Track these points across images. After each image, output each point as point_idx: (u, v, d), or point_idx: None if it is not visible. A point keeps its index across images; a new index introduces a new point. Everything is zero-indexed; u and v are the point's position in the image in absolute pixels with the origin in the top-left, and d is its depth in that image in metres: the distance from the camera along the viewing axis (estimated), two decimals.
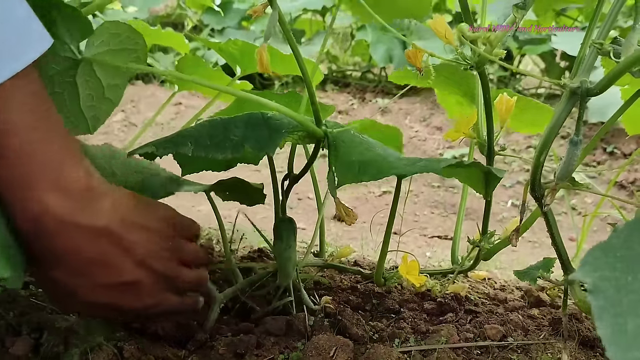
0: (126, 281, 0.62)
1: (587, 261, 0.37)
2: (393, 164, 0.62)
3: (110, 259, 0.60)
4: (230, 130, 0.64)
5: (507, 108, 0.73)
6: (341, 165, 0.64)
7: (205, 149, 0.62)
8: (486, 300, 0.97)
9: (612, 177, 2.18)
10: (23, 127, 0.53)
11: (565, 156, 0.57)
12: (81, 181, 0.58)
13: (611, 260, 0.37)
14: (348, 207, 0.69)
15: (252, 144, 0.62)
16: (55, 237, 0.56)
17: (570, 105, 0.56)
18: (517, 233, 0.68)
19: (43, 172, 0.55)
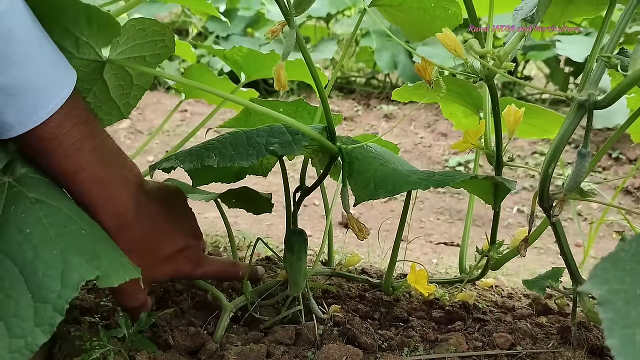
0: (180, 247, 0.76)
1: (597, 274, 0.38)
2: (408, 179, 0.63)
3: (166, 231, 0.74)
4: (253, 139, 0.66)
5: (515, 119, 0.73)
6: (357, 182, 0.65)
7: (230, 159, 0.64)
8: (494, 308, 0.97)
9: (617, 182, 2.19)
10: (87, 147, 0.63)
11: (574, 168, 0.57)
12: (132, 170, 0.70)
13: (620, 273, 0.38)
14: (360, 223, 0.69)
15: (276, 147, 0.64)
16: (134, 223, 0.68)
17: (578, 118, 0.57)
18: (526, 243, 0.68)
19: (114, 174, 0.66)
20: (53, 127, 0.59)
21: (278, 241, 1.59)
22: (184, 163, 0.66)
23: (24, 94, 0.56)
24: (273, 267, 1.14)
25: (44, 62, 0.58)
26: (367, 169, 0.67)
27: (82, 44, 0.67)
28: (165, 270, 0.76)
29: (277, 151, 0.65)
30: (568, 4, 0.79)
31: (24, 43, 0.55)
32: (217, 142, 0.68)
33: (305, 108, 0.96)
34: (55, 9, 0.61)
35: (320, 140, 0.69)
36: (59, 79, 0.59)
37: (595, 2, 0.78)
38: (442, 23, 0.88)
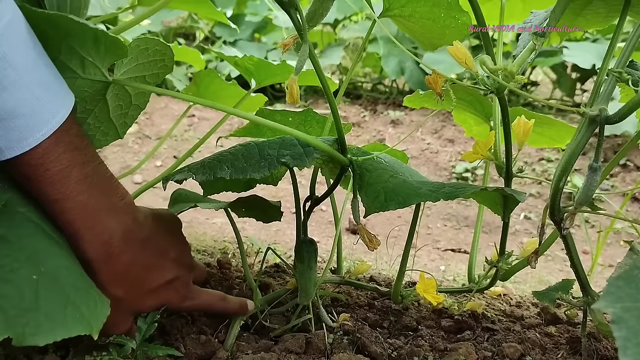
0: (169, 279, 0.73)
1: (610, 291, 0.38)
2: (418, 191, 0.63)
3: (155, 262, 0.71)
4: (265, 151, 0.67)
5: (525, 131, 0.74)
6: (367, 194, 0.66)
7: (242, 171, 0.64)
8: (503, 317, 0.97)
9: (625, 189, 2.18)
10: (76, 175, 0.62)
11: (585, 181, 0.58)
12: (124, 198, 0.68)
13: (633, 291, 0.38)
14: (371, 233, 0.70)
15: (288, 159, 0.65)
16: (121, 254, 0.66)
17: (589, 133, 0.57)
18: (536, 255, 0.68)
19: (102, 203, 0.64)
20: (41, 153, 0.58)
21: (286, 247, 1.60)
22: (196, 175, 0.66)
23: (13, 119, 0.55)
24: (282, 275, 1.14)
25: (37, 88, 0.57)
26: (378, 181, 0.68)
27: (88, 64, 0.68)
28: (151, 303, 0.73)
29: (289, 163, 0.66)
30: (576, 16, 0.79)
31: (17, 67, 0.54)
32: (229, 154, 0.68)
33: (314, 117, 0.96)
34: (62, 30, 0.62)
35: (331, 153, 0.69)
36: (52, 105, 0.58)
37: (603, 15, 0.78)
38: (453, 32, 0.89)
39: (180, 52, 1.52)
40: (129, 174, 1.22)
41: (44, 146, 0.57)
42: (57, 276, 0.56)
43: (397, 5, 0.80)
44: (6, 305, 0.50)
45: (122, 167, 2.30)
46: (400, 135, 2.45)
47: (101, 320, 0.57)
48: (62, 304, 0.55)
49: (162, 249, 0.72)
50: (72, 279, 0.58)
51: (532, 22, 0.75)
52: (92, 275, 0.63)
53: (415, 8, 0.82)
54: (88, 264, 0.64)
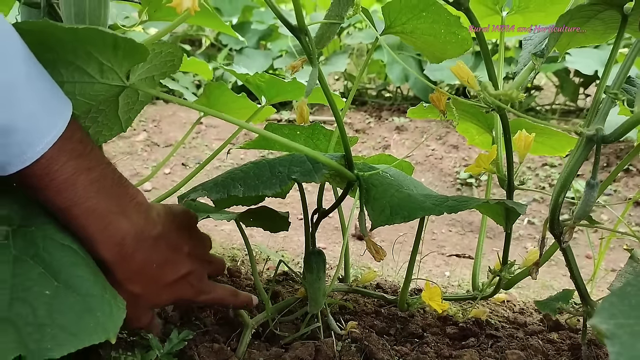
0: (183, 274, 0.73)
1: (604, 308, 0.41)
2: (423, 205, 0.66)
3: (169, 258, 0.71)
4: (276, 168, 0.69)
5: (526, 144, 0.76)
6: (373, 208, 0.68)
7: (255, 188, 0.66)
8: (506, 324, 1.00)
9: (627, 194, 2.20)
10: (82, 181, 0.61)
11: (583, 197, 0.60)
12: (135, 198, 0.68)
13: (626, 308, 0.40)
14: (378, 245, 0.73)
15: (298, 175, 0.67)
16: (135, 253, 0.66)
17: (587, 151, 0.60)
18: (537, 267, 0.71)
19: (112, 206, 0.64)
20: (44, 164, 0.58)
21: (294, 254, 1.63)
22: (210, 194, 0.69)
23: (10, 135, 0.55)
24: (290, 283, 1.17)
25: (33, 103, 0.57)
26: (383, 196, 0.70)
27: (106, 69, 0.69)
28: (167, 297, 0.74)
29: (299, 179, 0.68)
30: (575, 33, 0.82)
31: (9, 85, 0.54)
32: (241, 172, 0.71)
33: (322, 131, 0.99)
34: (80, 36, 0.62)
35: (339, 170, 0.72)
36: (50, 117, 0.58)
37: (601, 31, 0.81)
38: (454, 47, 0.91)
39: (188, 63, 1.55)
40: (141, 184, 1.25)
41: (47, 157, 0.58)
42: (71, 286, 0.58)
43: (399, 23, 0.83)
44: (20, 324, 0.52)
45: (131, 174, 2.34)
46: (405, 142, 2.47)
47: (117, 323, 0.58)
48: (77, 314, 0.56)
49: (176, 245, 0.72)
50: (86, 287, 0.59)
51: (533, 39, 0.78)
52: (108, 275, 0.65)
53: (416, 25, 0.85)
54: (103, 264, 0.65)
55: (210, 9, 1.22)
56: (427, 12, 0.81)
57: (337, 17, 0.70)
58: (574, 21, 0.78)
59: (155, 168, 1.24)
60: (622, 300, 0.41)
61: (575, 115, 2.85)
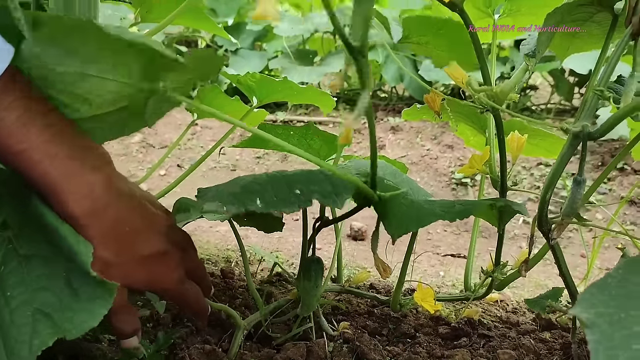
0: (159, 250, 0.67)
1: (584, 298, 0.41)
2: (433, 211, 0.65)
3: (144, 227, 0.65)
4: (294, 185, 0.67)
5: (519, 146, 0.76)
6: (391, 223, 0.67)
7: (274, 205, 0.64)
8: (499, 323, 1.00)
9: (622, 193, 2.21)
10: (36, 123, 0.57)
11: (570, 195, 0.60)
12: (99, 149, 0.64)
13: (606, 297, 0.41)
14: (385, 263, 0.73)
15: (318, 197, 0.65)
16: (107, 208, 0.60)
17: (573, 148, 0.60)
18: (527, 265, 0.71)
19: (77, 154, 0.59)
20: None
21: (288, 254, 1.63)
22: (227, 207, 0.66)
23: None
24: (283, 283, 1.17)
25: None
26: (398, 209, 0.69)
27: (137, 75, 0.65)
28: (143, 275, 0.66)
29: (320, 202, 0.67)
30: (573, 38, 0.82)
31: None
32: (257, 185, 0.68)
33: (315, 132, 0.99)
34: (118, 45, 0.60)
35: (362, 189, 0.70)
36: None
37: (598, 37, 0.81)
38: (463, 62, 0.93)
39: None
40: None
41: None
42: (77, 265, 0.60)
43: (416, 35, 0.83)
44: (49, 310, 0.57)
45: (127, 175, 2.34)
46: (400, 142, 2.47)
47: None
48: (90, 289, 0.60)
49: (151, 218, 0.67)
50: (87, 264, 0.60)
51: (530, 42, 0.77)
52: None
53: (431, 39, 0.85)
54: (74, 222, 0.60)
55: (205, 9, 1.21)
56: (446, 30, 0.81)
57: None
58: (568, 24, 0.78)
59: (150, 169, 1.24)
60: (602, 290, 0.41)
61: (570, 115, 2.86)
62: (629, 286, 0.41)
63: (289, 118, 2.71)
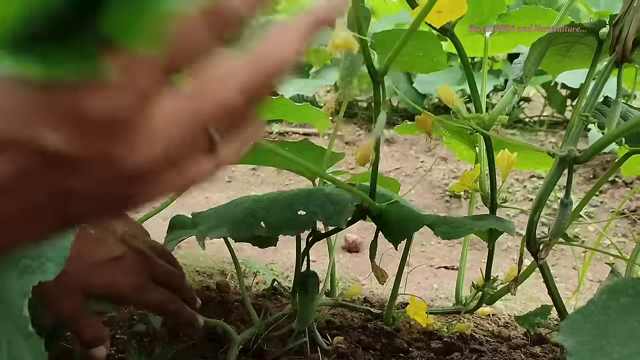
0: (115, 257, 0.65)
1: (567, 325, 0.43)
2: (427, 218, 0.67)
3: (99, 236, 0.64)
4: (296, 207, 0.68)
5: (509, 164, 0.78)
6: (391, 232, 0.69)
7: (279, 229, 0.65)
8: (490, 338, 1.02)
9: (614, 205, 2.23)
10: None
11: (557, 216, 0.62)
12: None
13: (588, 325, 0.43)
14: (382, 269, 0.75)
15: (321, 218, 0.67)
16: None
17: (560, 171, 0.62)
18: (516, 283, 0.73)
19: None
20: None
21: (283, 267, 1.64)
22: (233, 232, 0.67)
23: None
24: (278, 297, 1.18)
25: None
26: (395, 217, 0.72)
27: None
28: (97, 280, 0.65)
29: (323, 222, 0.69)
30: (564, 57, 0.84)
31: None
32: (260, 209, 0.70)
33: (310, 148, 1.01)
34: None
35: (365, 199, 0.71)
36: None
37: (588, 56, 0.83)
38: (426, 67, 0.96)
39: None
40: None
41: None
42: None
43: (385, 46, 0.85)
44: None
45: None
46: (394, 154, 2.50)
47: None
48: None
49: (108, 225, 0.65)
50: None
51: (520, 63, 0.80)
52: None
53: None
54: None
55: None
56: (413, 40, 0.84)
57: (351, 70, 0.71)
58: (558, 46, 0.81)
59: None
60: (585, 318, 0.43)
61: (562, 127, 2.89)
62: (609, 314, 0.42)
63: (284, 130, 2.73)
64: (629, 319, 0.43)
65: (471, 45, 1.10)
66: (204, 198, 2.26)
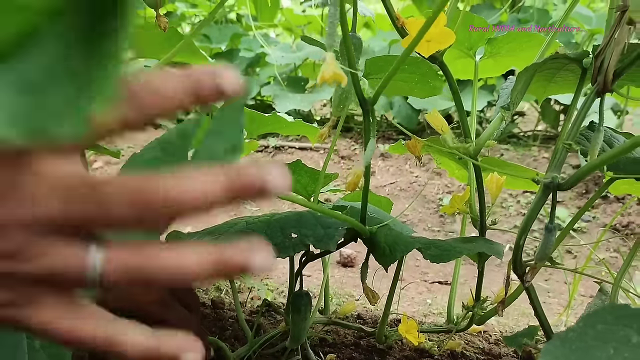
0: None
1: (548, 350, 0.45)
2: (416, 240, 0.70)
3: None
4: (287, 229, 0.71)
5: (498, 186, 0.81)
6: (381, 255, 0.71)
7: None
8: (481, 355, 1.03)
9: (606, 220, 2.25)
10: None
11: (542, 240, 0.64)
12: None
13: (567, 351, 0.44)
14: (373, 290, 0.77)
15: (312, 241, 0.69)
16: None
17: (544, 197, 0.64)
18: (503, 305, 0.75)
19: None
20: None
21: (278, 282, 1.65)
22: None
23: None
24: (272, 314, 1.20)
25: None
26: (385, 240, 0.74)
27: None
28: None
29: (314, 245, 0.71)
30: (549, 83, 0.87)
31: None
32: (253, 232, 0.72)
33: (303, 168, 1.03)
34: None
35: (354, 224, 0.74)
36: None
37: (573, 81, 0.85)
38: (427, 91, 0.97)
39: None
40: None
41: None
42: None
43: (376, 72, 0.87)
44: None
45: None
46: (389, 168, 2.52)
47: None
48: None
49: None
50: None
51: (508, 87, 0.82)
52: None
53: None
54: None
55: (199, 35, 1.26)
56: (407, 66, 0.86)
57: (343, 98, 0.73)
58: (544, 72, 0.83)
59: None
60: (564, 344, 0.45)
61: (554, 142, 2.92)
62: (587, 340, 0.44)
63: (280, 144, 2.75)
64: (605, 346, 0.45)
65: (462, 68, 1.13)
66: None
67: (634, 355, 0.44)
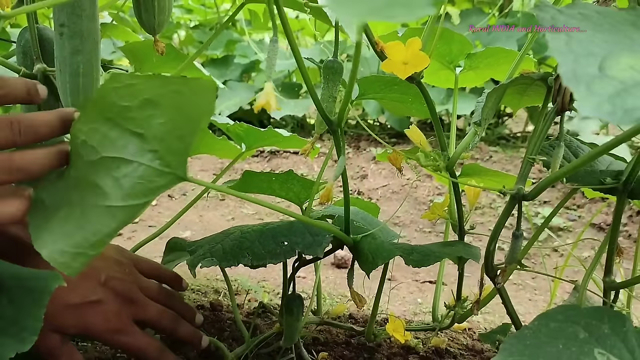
0: (91, 300, 0.68)
1: (504, 347, 0.51)
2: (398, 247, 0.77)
3: (75, 280, 0.64)
4: (278, 238, 0.78)
5: (475, 194, 0.87)
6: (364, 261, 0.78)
7: (262, 258, 0.75)
8: (465, 351, 1.10)
9: (590, 219, 2.32)
10: None
11: (510, 246, 0.71)
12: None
13: (522, 347, 0.51)
14: (360, 295, 0.83)
15: (301, 248, 0.76)
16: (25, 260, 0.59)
17: (511, 207, 0.71)
18: (477, 305, 0.81)
19: None
20: None
21: (274, 284, 1.71)
22: (220, 262, 0.76)
23: None
24: (268, 315, 1.26)
25: None
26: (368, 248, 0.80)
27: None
28: (71, 322, 0.66)
29: (303, 252, 0.78)
30: (521, 96, 0.93)
31: None
32: (246, 240, 0.79)
33: (295, 178, 1.09)
34: None
35: (339, 235, 0.80)
36: None
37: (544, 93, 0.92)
38: (418, 111, 1.03)
39: None
40: None
41: None
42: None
43: (371, 92, 0.94)
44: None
45: None
46: (381, 172, 2.58)
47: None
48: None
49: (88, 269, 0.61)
50: None
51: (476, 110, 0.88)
52: None
53: (386, 94, 0.96)
54: None
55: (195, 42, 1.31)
56: (399, 86, 0.92)
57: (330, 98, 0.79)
58: (516, 87, 0.89)
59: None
60: (519, 341, 0.51)
61: None
62: (540, 337, 0.51)
63: (275, 149, 2.81)
64: (555, 342, 0.51)
65: (445, 78, 1.19)
66: (198, 216, 2.34)
67: (580, 349, 0.51)
